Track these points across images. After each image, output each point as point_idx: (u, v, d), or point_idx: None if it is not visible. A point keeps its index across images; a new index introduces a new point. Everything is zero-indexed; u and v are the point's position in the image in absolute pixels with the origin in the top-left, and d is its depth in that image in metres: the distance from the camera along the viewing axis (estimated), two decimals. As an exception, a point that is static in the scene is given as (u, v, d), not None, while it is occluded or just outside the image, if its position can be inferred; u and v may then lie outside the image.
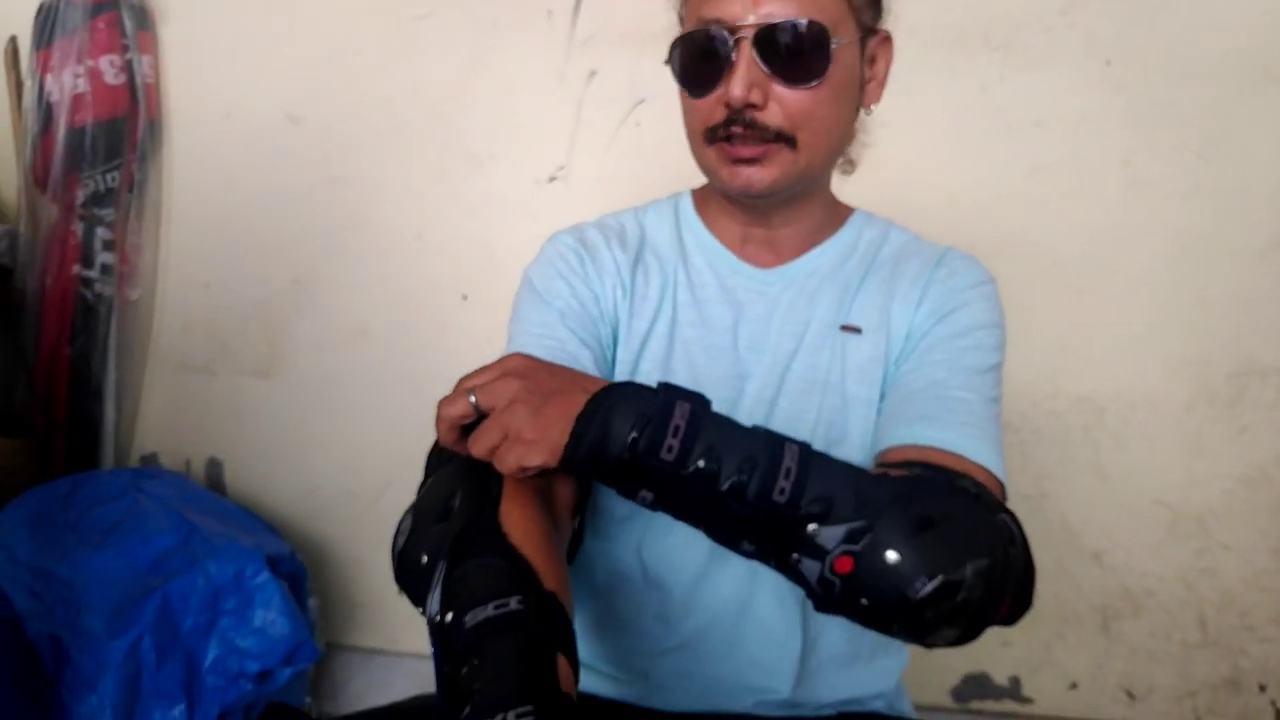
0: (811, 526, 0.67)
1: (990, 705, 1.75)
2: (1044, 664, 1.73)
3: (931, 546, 0.66)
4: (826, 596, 0.69)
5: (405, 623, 1.97)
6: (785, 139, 0.84)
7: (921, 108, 1.70)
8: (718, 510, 0.70)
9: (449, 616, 0.62)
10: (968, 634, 0.69)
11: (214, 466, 2.04)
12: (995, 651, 1.75)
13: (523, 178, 1.84)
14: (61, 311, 1.97)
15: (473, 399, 0.71)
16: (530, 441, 0.69)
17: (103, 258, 1.97)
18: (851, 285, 0.94)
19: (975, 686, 1.76)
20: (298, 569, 1.68)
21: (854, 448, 0.89)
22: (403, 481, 1.94)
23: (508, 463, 0.69)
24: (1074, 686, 1.73)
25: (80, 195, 1.94)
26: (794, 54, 0.82)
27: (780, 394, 0.91)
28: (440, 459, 0.79)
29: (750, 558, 0.74)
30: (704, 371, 0.92)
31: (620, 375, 0.93)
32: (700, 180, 0.98)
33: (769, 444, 0.70)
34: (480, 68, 1.85)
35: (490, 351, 0.80)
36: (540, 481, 0.75)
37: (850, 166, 1.00)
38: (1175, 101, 1.63)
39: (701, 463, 0.68)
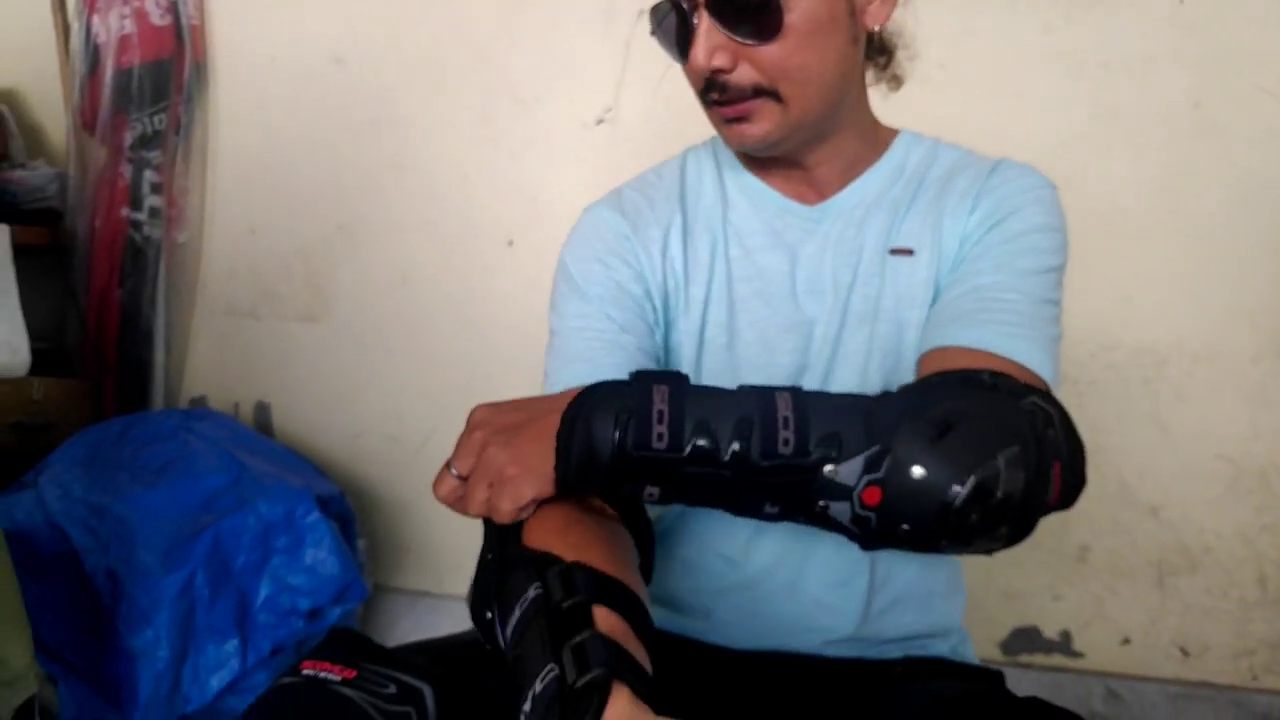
0: (828, 468, 0.63)
1: (1039, 659, 1.73)
2: (1096, 618, 1.71)
3: (956, 448, 0.62)
4: (866, 533, 0.65)
5: (451, 565, 1.99)
6: (767, 93, 0.81)
7: (981, 49, 1.64)
8: (727, 484, 0.66)
9: (504, 642, 0.62)
10: (1020, 529, 0.65)
11: (262, 410, 2.06)
12: (1046, 605, 1.72)
13: (569, 120, 1.81)
14: (111, 254, 1.98)
15: (453, 471, 0.69)
16: (515, 477, 0.67)
17: (151, 201, 1.98)
18: (900, 207, 0.90)
19: (1024, 640, 1.74)
20: (346, 511, 1.70)
21: (910, 374, 0.85)
22: (447, 427, 1.92)
23: (502, 509, 0.67)
24: (1126, 642, 1.70)
25: (128, 137, 1.94)
26: (746, 13, 0.79)
27: (844, 329, 0.88)
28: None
29: (777, 520, 0.69)
30: (768, 323, 0.90)
31: (685, 345, 0.91)
32: None
33: (759, 399, 0.65)
34: (525, 6, 1.82)
35: (533, 299, 0.77)
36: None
37: (896, 83, 0.95)
38: (1250, 43, 1.56)
39: (696, 441, 0.64)
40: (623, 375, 0.79)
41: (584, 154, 1.80)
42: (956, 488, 0.61)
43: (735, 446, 0.63)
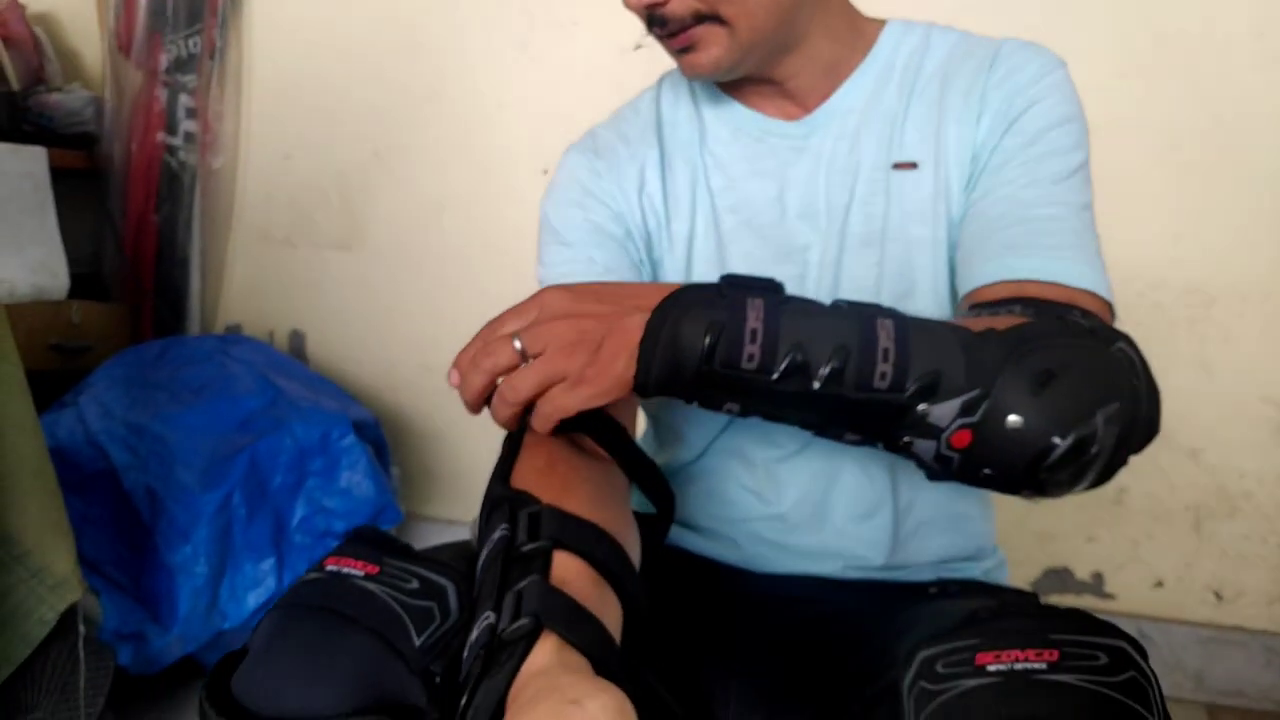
0: (921, 406, 0.60)
1: (1070, 600, 1.72)
2: (1130, 561, 1.69)
3: (1057, 401, 0.59)
4: (944, 470, 0.63)
5: (482, 494, 2.00)
6: (708, 18, 0.76)
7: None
8: (813, 407, 0.63)
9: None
10: (1100, 481, 0.63)
11: (296, 338, 2.07)
12: (1079, 547, 1.71)
13: (607, 45, 1.77)
14: (147, 179, 1.99)
15: (518, 344, 0.64)
16: (590, 379, 0.62)
17: (186, 125, 1.97)
18: (898, 115, 0.84)
19: (1056, 580, 1.73)
20: (380, 437, 1.71)
21: (924, 297, 0.82)
22: (480, 357, 1.94)
23: (567, 406, 0.63)
24: (1159, 585, 1.69)
25: (163, 61, 1.93)
26: None
27: (843, 253, 0.84)
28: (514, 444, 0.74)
29: (855, 445, 0.67)
30: (758, 254, 0.86)
31: (673, 281, 0.87)
32: None
33: (859, 324, 0.62)
34: (565, -73, 1.77)
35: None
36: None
37: None
38: (1322, -34, 1.49)
39: (788, 363, 0.60)
40: None
41: (622, 79, 1.73)
42: (1056, 440, 0.59)
43: (828, 374, 0.60)
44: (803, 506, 0.88)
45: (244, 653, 0.65)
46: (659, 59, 0.99)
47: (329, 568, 0.68)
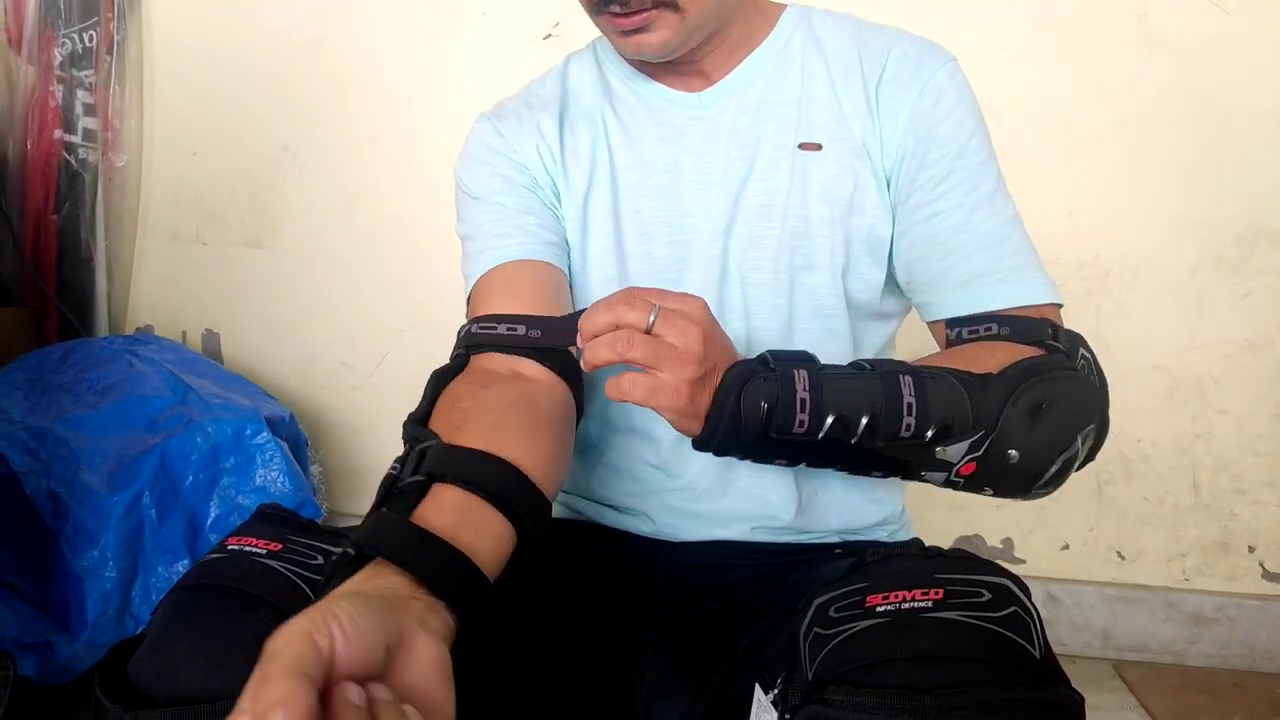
0: (937, 449, 0.71)
1: (982, 567, 1.78)
2: (1036, 526, 1.76)
3: (1048, 433, 0.71)
4: (949, 488, 0.76)
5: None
6: (665, 4, 0.80)
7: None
8: (849, 456, 0.73)
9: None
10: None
11: (210, 338, 2.03)
12: (989, 515, 1.77)
13: (516, 35, 1.77)
14: (45, 178, 1.92)
15: (652, 317, 0.67)
16: (676, 405, 0.68)
17: (85, 122, 1.91)
18: (801, 98, 0.89)
19: (967, 548, 1.77)
20: (298, 433, 1.68)
21: (823, 273, 0.87)
22: (399, 351, 1.93)
23: (634, 397, 0.68)
24: (1065, 548, 1.76)
25: (57, 56, 1.87)
26: None
27: (734, 222, 0.88)
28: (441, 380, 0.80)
29: (878, 478, 0.83)
30: (649, 214, 0.90)
31: (571, 233, 0.92)
32: None
33: (886, 383, 0.71)
34: (470, -83, 1.77)
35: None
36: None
37: None
38: (1196, -49, 1.57)
39: (832, 428, 0.69)
40: (533, 254, 0.87)
41: (533, 70, 1.71)
42: (1047, 466, 0.72)
43: (864, 430, 0.70)
44: (707, 474, 0.90)
45: (141, 639, 0.64)
46: (568, 49, 1.01)
47: (230, 546, 0.67)
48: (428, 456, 0.65)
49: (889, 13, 0.99)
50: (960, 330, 0.83)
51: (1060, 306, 0.85)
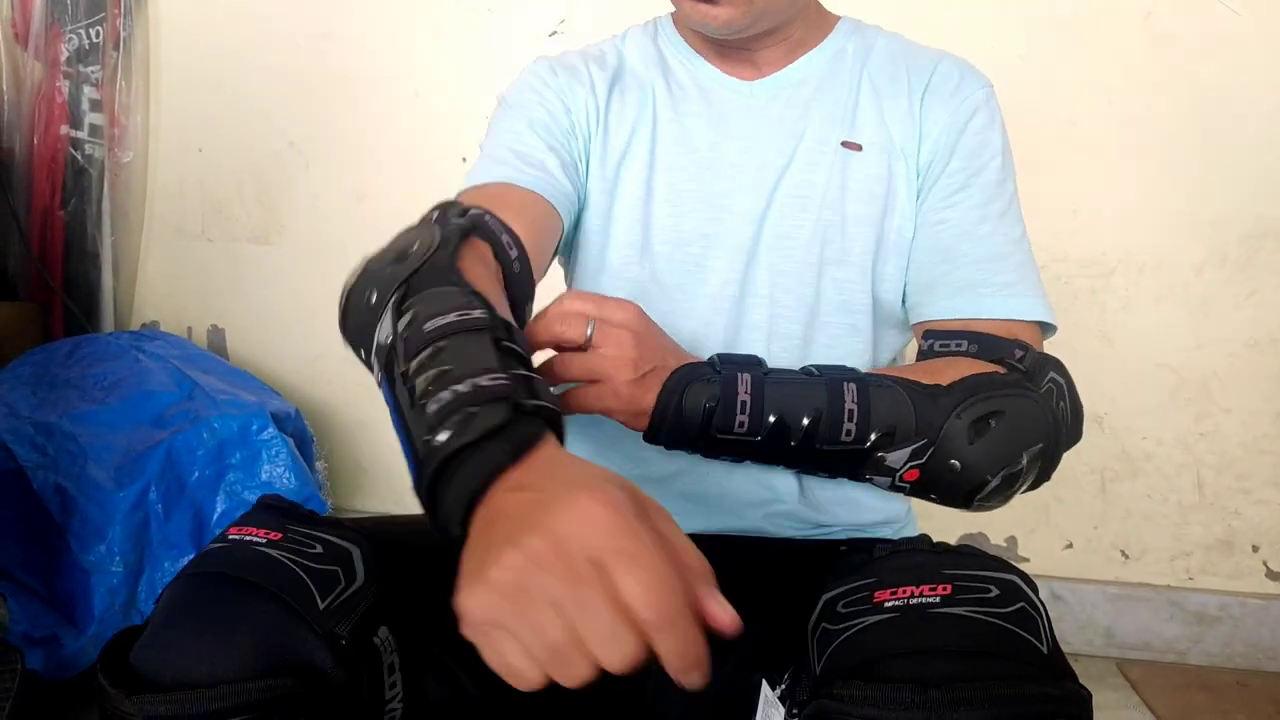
0: (880, 453, 0.73)
1: (986, 565, 1.78)
2: (1040, 525, 1.76)
3: (991, 446, 0.73)
4: (896, 491, 0.78)
5: (410, 487, 1.98)
6: None
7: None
8: (792, 456, 0.76)
9: (403, 323, 0.59)
10: (1030, 491, 0.78)
11: (216, 334, 2.03)
12: (993, 514, 1.74)
13: (522, 31, 1.77)
14: (52, 173, 1.93)
15: (589, 331, 0.72)
16: (621, 402, 0.73)
17: (91, 118, 1.92)
18: (848, 99, 0.93)
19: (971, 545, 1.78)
20: (303, 429, 1.69)
21: (854, 269, 0.90)
22: (404, 348, 1.93)
23: (588, 406, 0.73)
24: (1069, 546, 1.76)
25: (64, 51, 1.87)
26: None
27: (770, 210, 0.91)
28: None
29: (824, 478, 0.84)
30: (684, 188, 0.92)
31: (597, 194, 0.93)
32: None
33: (829, 390, 0.73)
34: (477, -86, 1.77)
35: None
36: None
37: None
38: (1203, -51, 1.57)
39: (772, 429, 0.73)
40: (546, 193, 0.87)
41: None
42: (988, 478, 0.73)
43: (804, 431, 0.73)
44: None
45: (144, 627, 0.64)
46: (574, 45, 1.02)
47: (231, 536, 0.68)
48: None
49: (900, 11, 1.00)
50: (933, 343, 0.85)
51: (1053, 328, 0.86)
